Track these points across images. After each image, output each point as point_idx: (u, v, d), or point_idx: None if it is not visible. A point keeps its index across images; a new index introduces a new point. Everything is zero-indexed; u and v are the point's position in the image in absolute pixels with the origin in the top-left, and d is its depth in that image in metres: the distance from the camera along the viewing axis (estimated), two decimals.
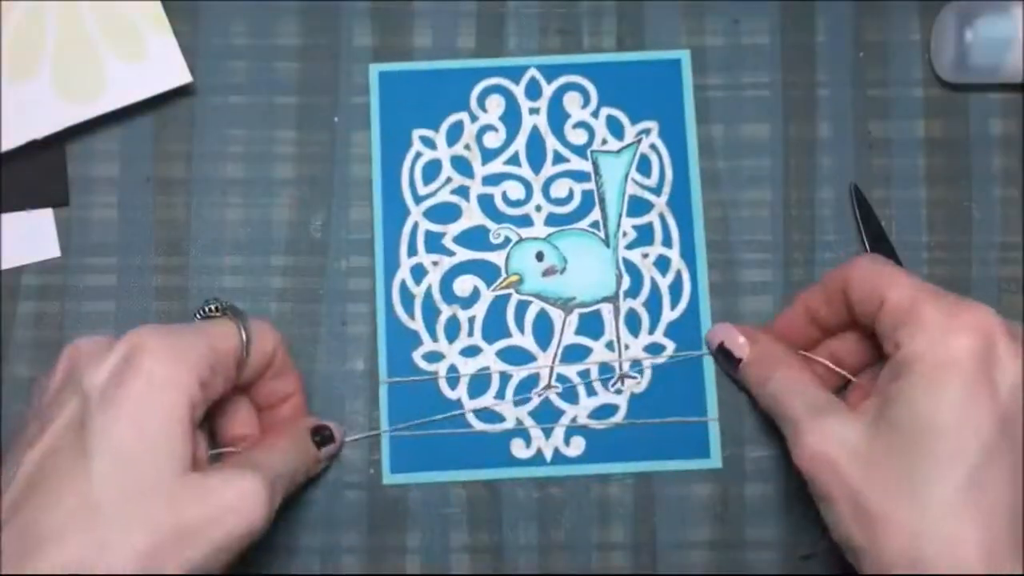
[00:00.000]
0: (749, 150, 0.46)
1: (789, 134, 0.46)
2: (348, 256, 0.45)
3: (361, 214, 0.45)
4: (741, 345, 0.42)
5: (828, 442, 0.36)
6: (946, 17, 0.45)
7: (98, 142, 0.46)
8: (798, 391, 0.39)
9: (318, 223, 0.45)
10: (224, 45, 0.46)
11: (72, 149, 0.45)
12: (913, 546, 0.33)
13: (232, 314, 0.39)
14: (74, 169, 0.45)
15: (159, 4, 0.45)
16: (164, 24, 0.45)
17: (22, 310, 0.45)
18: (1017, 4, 0.44)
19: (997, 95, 0.46)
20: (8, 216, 0.45)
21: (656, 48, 0.47)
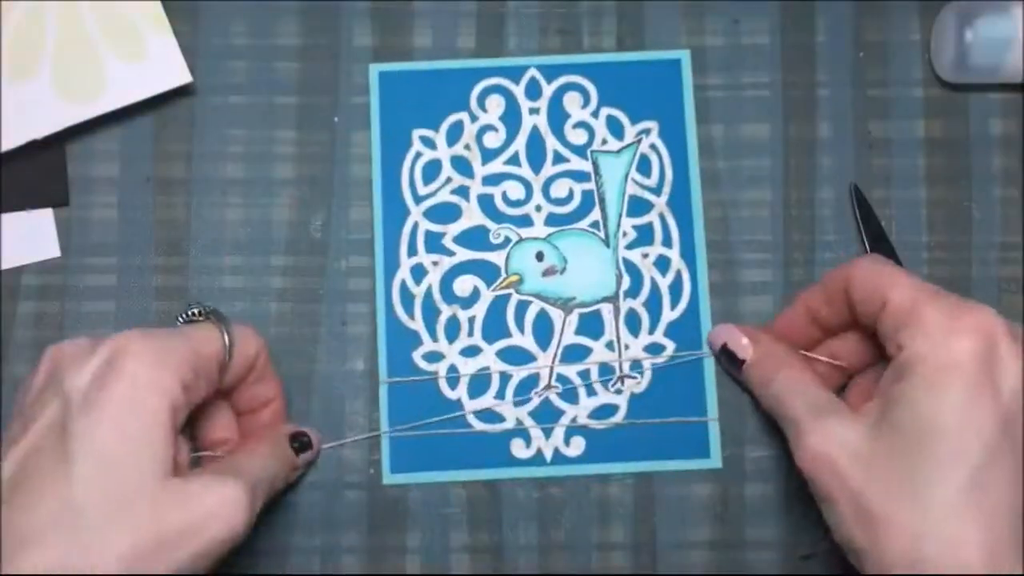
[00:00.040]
0: (749, 150, 0.46)
1: (789, 134, 0.46)
2: (348, 256, 0.45)
3: (361, 214, 0.45)
4: (744, 346, 0.42)
5: (830, 443, 0.36)
6: (946, 17, 0.45)
7: (98, 142, 0.46)
8: (800, 391, 0.39)
9: (318, 223, 0.45)
10: (224, 45, 0.46)
11: (72, 149, 0.45)
12: (914, 547, 0.33)
13: (215, 318, 0.39)
14: (74, 169, 0.45)
15: (159, 4, 0.45)
16: (164, 24, 0.45)
17: (22, 310, 0.45)
18: (1017, 4, 0.44)
19: (997, 95, 0.46)
20: (8, 216, 0.45)
21: (656, 48, 0.47)
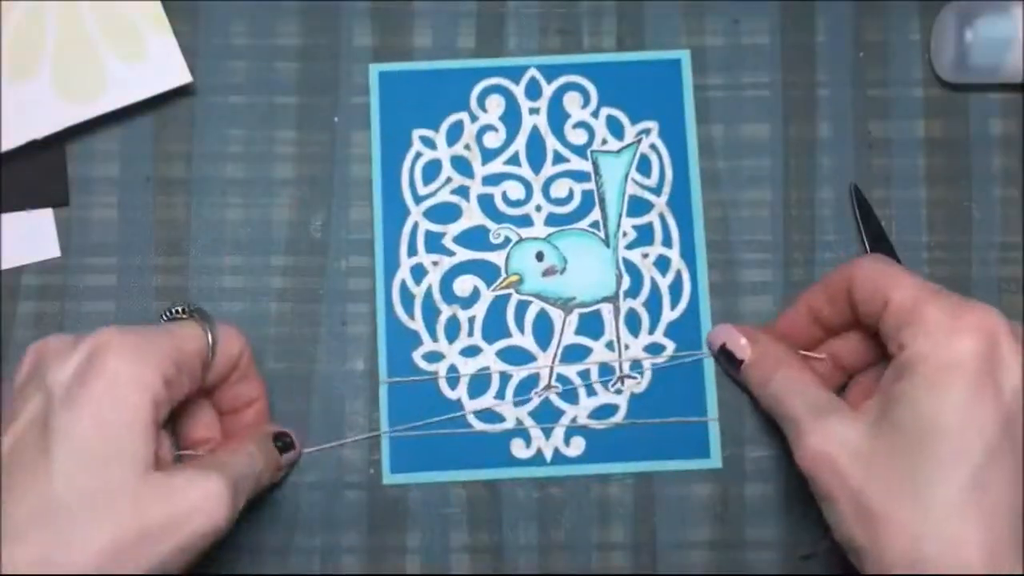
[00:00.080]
0: (749, 150, 0.46)
1: (789, 134, 0.46)
2: (348, 256, 0.45)
3: (361, 214, 0.45)
4: (743, 347, 0.42)
5: (830, 442, 0.36)
6: (946, 17, 0.45)
7: (98, 142, 0.46)
8: (799, 391, 0.39)
9: (318, 223, 0.45)
10: (224, 45, 0.46)
11: (72, 149, 0.45)
12: (915, 547, 0.33)
13: (199, 316, 0.39)
14: (74, 169, 0.45)
15: (159, 4, 0.45)
16: (164, 24, 0.45)
17: (22, 310, 0.45)
18: (1017, 4, 0.44)
19: (997, 95, 0.46)
20: (8, 216, 0.45)
21: (656, 48, 0.47)
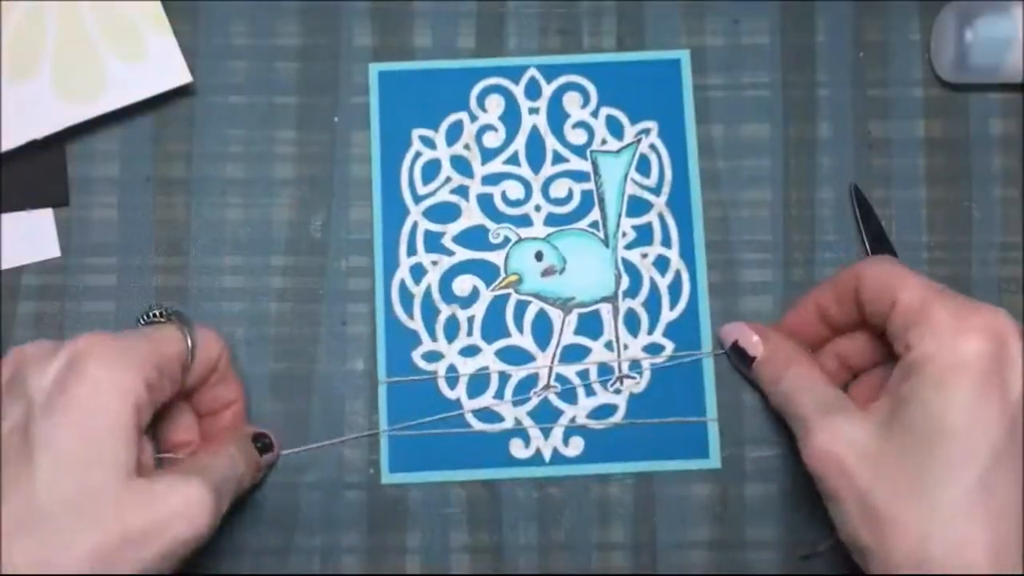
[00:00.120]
0: (749, 150, 0.46)
1: (789, 134, 0.46)
2: (348, 256, 0.45)
3: (361, 214, 0.45)
4: (755, 343, 0.42)
5: (837, 441, 0.36)
6: (946, 17, 0.45)
7: (98, 142, 0.46)
8: (808, 389, 0.39)
9: (318, 223, 0.45)
10: (224, 45, 0.46)
11: (72, 149, 0.45)
12: (921, 547, 0.33)
13: (177, 319, 0.39)
14: (74, 169, 0.45)
15: (159, 4, 0.45)
16: (164, 24, 0.45)
17: (22, 310, 0.45)
18: (1017, 4, 0.44)
19: (997, 95, 0.46)
20: (8, 216, 0.45)
21: (656, 48, 0.47)
